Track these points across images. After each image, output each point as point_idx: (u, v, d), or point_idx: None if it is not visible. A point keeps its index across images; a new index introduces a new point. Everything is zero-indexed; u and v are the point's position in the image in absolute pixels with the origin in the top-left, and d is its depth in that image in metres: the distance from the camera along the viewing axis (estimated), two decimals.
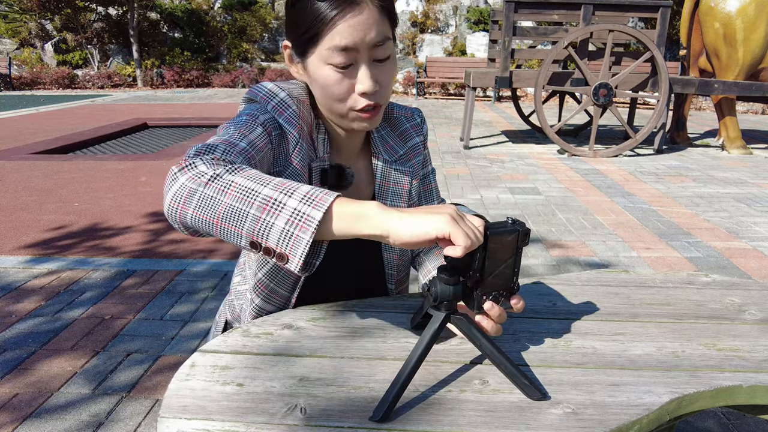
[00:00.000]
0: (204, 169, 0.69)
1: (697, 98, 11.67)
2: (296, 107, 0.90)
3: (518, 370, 0.72)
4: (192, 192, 0.68)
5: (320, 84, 0.87)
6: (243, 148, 0.79)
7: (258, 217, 0.65)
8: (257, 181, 0.67)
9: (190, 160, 0.71)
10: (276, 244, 0.65)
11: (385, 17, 0.85)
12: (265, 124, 0.86)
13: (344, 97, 0.86)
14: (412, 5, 14.67)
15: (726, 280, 1.10)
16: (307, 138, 0.92)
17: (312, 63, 0.86)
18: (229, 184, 0.67)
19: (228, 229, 0.66)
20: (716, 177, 5.16)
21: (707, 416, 1.78)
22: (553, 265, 2.98)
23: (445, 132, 7.67)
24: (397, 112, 1.06)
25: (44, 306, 2.48)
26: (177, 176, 0.70)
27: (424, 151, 1.08)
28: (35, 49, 14.77)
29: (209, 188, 0.67)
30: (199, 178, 0.68)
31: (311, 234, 0.63)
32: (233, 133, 0.82)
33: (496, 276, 0.74)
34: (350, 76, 0.85)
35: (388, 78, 0.88)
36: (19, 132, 7.39)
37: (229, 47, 14.73)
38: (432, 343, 0.72)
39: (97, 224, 3.62)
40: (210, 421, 0.66)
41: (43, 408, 1.78)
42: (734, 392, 0.75)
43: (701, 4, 6.20)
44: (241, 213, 0.65)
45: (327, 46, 0.82)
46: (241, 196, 0.66)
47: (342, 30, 0.81)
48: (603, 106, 5.96)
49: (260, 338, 0.86)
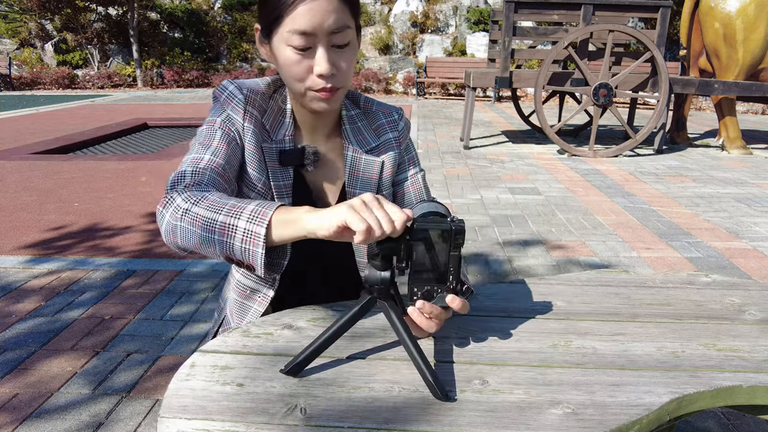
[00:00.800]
0: (179, 202, 0.82)
1: (697, 98, 11.67)
2: (243, 96, 0.97)
3: (428, 368, 0.72)
4: (174, 226, 0.82)
5: (281, 64, 0.92)
6: (207, 161, 0.90)
7: (222, 240, 0.78)
8: (215, 210, 0.79)
9: (168, 196, 0.85)
10: (241, 258, 0.77)
11: (346, 6, 0.88)
12: (223, 125, 0.96)
13: (302, 77, 0.91)
14: (412, 5, 14.67)
15: (726, 281, 1.10)
16: (258, 122, 0.98)
17: (275, 44, 0.91)
18: (195, 216, 0.80)
19: (207, 250, 0.80)
20: (716, 177, 5.16)
21: (707, 416, 1.78)
22: (553, 266, 2.98)
23: (445, 132, 7.67)
24: (376, 108, 1.10)
25: (44, 306, 2.48)
26: (163, 213, 0.84)
27: (398, 148, 1.09)
28: (35, 49, 14.77)
29: (184, 221, 0.81)
30: (176, 213, 0.82)
31: (262, 246, 0.75)
32: (198, 147, 0.94)
33: (428, 271, 0.75)
34: (309, 57, 0.89)
35: (346, 63, 0.92)
36: (19, 132, 7.39)
37: (229, 47, 14.73)
38: (351, 321, 0.76)
39: (97, 224, 3.62)
40: (210, 421, 0.66)
41: (43, 408, 1.78)
42: (734, 392, 0.75)
43: (701, 5, 6.20)
44: (210, 239, 0.79)
45: (288, 28, 0.87)
46: (206, 225, 0.79)
47: (301, 14, 0.85)
48: (603, 107, 5.96)
49: (260, 338, 0.86)
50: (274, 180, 1.00)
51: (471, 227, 3.62)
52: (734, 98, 6.38)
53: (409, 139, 1.14)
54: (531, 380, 0.75)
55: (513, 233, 3.51)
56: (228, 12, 15.03)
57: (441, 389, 0.71)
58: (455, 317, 0.93)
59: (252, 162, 0.98)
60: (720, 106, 6.41)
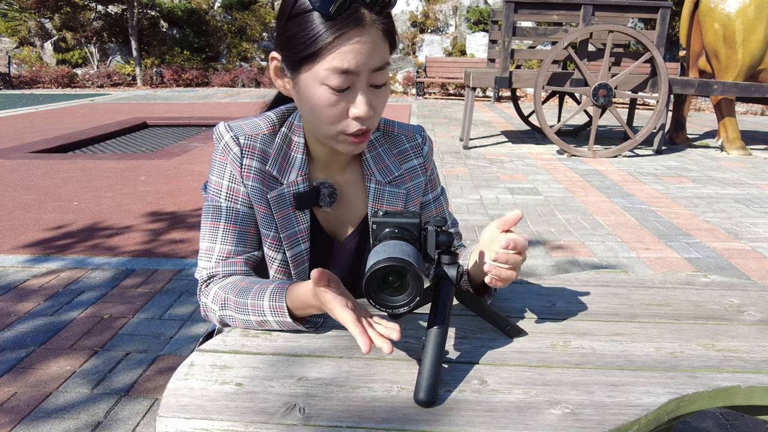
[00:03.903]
0: (217, 291, 0.92)
1: (696, 99, 11.68)
2: (239, 149, 0.91)
3: (435, 366, 0.72)
4: (214, 312, 0.92)
5: (312, 104, 0.84)
6: (218, 253, 0.94)
7: (259, 321, 0.88)
8: (240, 312, 0.88)
9: (204, 291, 0.95)
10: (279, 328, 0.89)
11: (387, 41, 0.82)
12: (228, 196, 0.94)
13: (336, 120, 0.84)
14: (412, 5, 14.66)
15: (725, 281, 1.10)
16: (259, 173, 0.93)
17: (305, 81, 0.83)
18: (232, 318, 0.90)
19: (244, 325, 0.90)
20: (715, 178, 5.16)
21: (706, 417, 1.78)
22: (552, 266, 2.98)
23: (445, 132, 7.67)
24: (398, 131, 1.03)
25: (43, 305, 2.48)
26: (201, 298, 0.96)
27: (423, 174, 1.04)
28: (34, 47, 14.76)
29: (223, 312, 0.90)
30: (216, 302, 0.92)
31: (298, 325, 0.86)
32: (208, 232, 0.95)
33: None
34: (345, 99, 0.82)
35: (381, 103, 0.86)
36: (18, 131, 7.39)
37: (228, 47, 14.72)
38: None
39: (97, 223, 3.62)
40: (209, 420, 0.66)
41: (42, 408, 1.78)
42: (732, 393, 0.75)
43: (701, 5, 6.20)
44: (249, 322, 0.89)
45: (326, 66, 0.79)
46: (245, 325, 0.89)
47: (345, 52, 0.78)
48: (602, 107, 5.96)
49: (259, 338, 0.86)
50: (287, 229, 0.95)
51: (470, 227, 3.62)
52: (733, 99, 6.38)
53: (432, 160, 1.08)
54: (530, 380, 0.75)
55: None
56: (228, 11, 15.02)
57: (421, 391, 0.70)
58: (454, 317, 0.93)
59: (259, 220, 0.95)
60: (719, 107, 6.42)
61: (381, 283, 0.70)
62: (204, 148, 6.39)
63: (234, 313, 0.88)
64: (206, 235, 0.96)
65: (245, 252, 0.96)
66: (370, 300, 0.70)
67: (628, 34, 5.68)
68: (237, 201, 0.94)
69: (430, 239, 0.79)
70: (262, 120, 0.95)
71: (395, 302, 0.71)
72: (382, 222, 0.78)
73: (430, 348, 0.73)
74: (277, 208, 0.94)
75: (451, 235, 0.79)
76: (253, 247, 0.97)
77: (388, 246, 0.73)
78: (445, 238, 0.78)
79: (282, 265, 0.98)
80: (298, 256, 0.98)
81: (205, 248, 0.96)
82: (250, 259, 0.96)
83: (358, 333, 0.71)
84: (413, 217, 0.79)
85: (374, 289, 0.70)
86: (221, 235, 0.94)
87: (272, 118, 0.96)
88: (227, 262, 0.94)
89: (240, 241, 0.95)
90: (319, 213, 1.00)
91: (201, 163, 5.56)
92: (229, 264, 0.94)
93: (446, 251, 0.79)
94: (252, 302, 0.86)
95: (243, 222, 0.95)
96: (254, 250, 0.97)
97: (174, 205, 4.05)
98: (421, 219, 0.79)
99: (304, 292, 0.81)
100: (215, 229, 0.94)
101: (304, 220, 0.96)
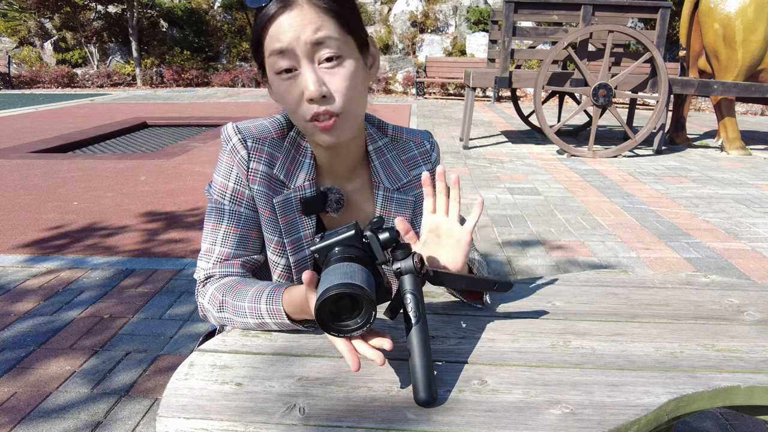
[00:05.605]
0: (213, 293, 0.92)
1: (696, 99, 11.68)
2: (247, 152, 0.91)
3: (426, 362, 0.71)
4: (211, 313, 0.92)
5: (278, 98, 0.84)
6: (218, 255, 0.94)
7: (258, 323, 0.87)
8: (238, 315, 0.88)
9: (201, 291, 0.95)
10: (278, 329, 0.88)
11: (329, 15, 0.80)
12: (233, 198, 0.94)
13: (296, 107, 0.82)
14: (412, 5, 14.66)
15: (725, 281, 1.10)
16: (266, 177, 0.92)
17: (269, 78, 0.84)
18: (232, 321, 0.89)
19: (242, 326, 0.90)
20: (715, 178, 5.16)
21: (705, 417, 1.79)
22: (552, 266, 2.98)
23: (445, 132, 7.67)
24: (406, 137, 1.03)
25: (43, 305, 2.48)
26: (199, 299, 0.95)
27: None
28: (34, 47, 14.76)
29: (221, 314, 0.90)
30: (213, 303, 0.91)
31: (297, 326, 0.84)
32: (210, 232, 0.95)
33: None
34: (297, 82, 0.81)
35: (339, 82, 0.81)
36: (18, 131, 7.38)
37: (228, 46, 14.72)
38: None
39: (96, 223, 3.62)
40: (208, 420, 0.66)
41: (42, 408, 1.78)
42: (732, 393, 0.75)
43: (701, 5, 6.20)
44: (247, 324, 0.88)
45: (268, 54, 0.81)
46: (240, 320, 0.88)
47: (275, 31, 0.79)
48: (602, 107, 5.96)
49: (259, 338, 0.86)
50: (291, 234, 0.95)
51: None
52: (733, 99, 6.38)
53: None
54: (529, 380, 0.75)
55: (512, 233, 3.51)
56: (228, 11, 15.02)
57: (419, 391, 0.69)
58: (453, 317, 0.93)
59: (263, 224, 0.95)
60: (719, 107, 6.42)
61: (333, 310, 0.68)
62: (204, 148, 6.38)
63: (232, 316, 0.89)
64: (207, 236, 0.96)
65: (244, 255, 0.96)
66: (325, 329, 0.68)
67: (628, 34, 5.68)
68: (241, 204, 0.94)
69: (374, 244, 0.77)
70: (271, 123, 0.95)
71: (350, 326, 0.69)
72: (321, 248, 0.76)
73: (414, 346, 0.72)
74: (283, 213, 0.94)
75: (393, 230, 0.76)
76: (254, 251, 0.97)
77: (330, 273, 0.70)
78: (388, 235, 0.76)
79: (285, 270, 0.98)
80: (301, 262, 0.98)
81: (205, 249, 0.96)
82: (248, 262, 0.96)
83: (346, 351, 0.70)
84: (349, 230, 0.76)
85: (328, 318, 0.68)
86: (222, 237, 0.94)
87: (281, 121, 0.95)
88: (225, 264, 0.95)
89: (240, 245, 0.95)
90: (326, 219, 0.99)
91: (201, 163, 5.56)
92: (227, 266, 0.95)
93: (396, 246, 0.77)
94: (249, 305, 0.86)
95: (245, 225, 0.95)
96: (254, 254, 0.97)
97: (174, 205, 4.05)
98: (358, 227, 0.77)
99: (299, 299, 0.80)
100: (217, 231, 0.95)
101: (309, 226, 0.96)
